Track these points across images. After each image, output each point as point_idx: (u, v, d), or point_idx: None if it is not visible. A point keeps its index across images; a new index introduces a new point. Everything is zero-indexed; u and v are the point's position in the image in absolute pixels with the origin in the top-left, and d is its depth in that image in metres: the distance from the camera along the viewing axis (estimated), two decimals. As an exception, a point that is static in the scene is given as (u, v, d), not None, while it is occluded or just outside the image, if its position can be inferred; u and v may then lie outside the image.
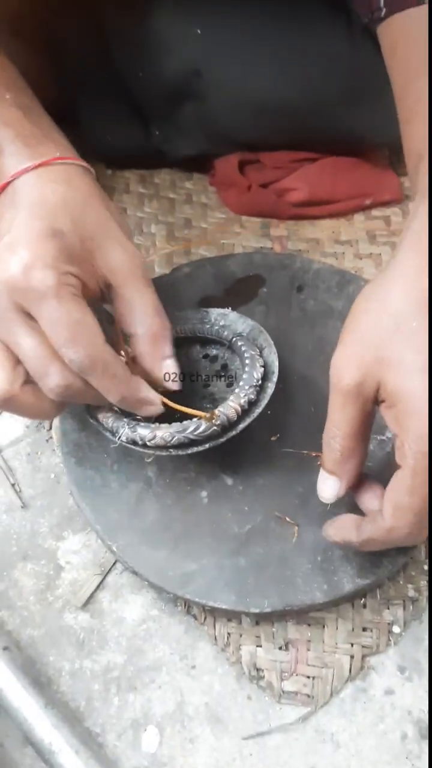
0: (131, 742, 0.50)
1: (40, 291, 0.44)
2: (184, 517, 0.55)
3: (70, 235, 0.46)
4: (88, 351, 0.45)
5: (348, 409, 0.45)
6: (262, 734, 0.50)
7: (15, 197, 0.48)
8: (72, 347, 0.45)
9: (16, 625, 0.55)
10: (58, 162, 0.49)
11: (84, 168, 0.50)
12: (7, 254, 0.45)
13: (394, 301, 0.44)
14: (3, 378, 0.46)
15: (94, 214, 0.48)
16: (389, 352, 0.43)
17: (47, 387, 0.46)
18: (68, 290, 0.45)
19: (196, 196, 0.81)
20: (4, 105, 0.50)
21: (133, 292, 0.49)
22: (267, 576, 0.52)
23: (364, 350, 0.44)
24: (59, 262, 0.45)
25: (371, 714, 0.51)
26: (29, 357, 0.46)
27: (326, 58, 0.70)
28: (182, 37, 0.71)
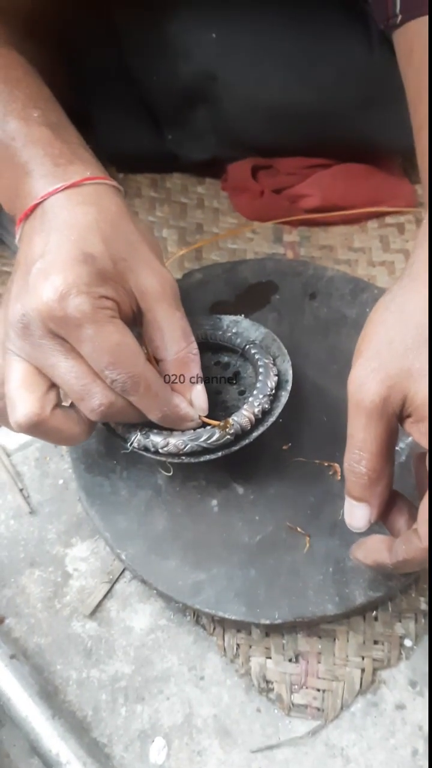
0: (138, 754, 0.49)
1: (77, 318, 0.43)
2: (194, 526, 0.54)
3: (102, 258, 0.45)
4: (130, 371, 0.45)
5: (373, 428, 0.42)
6: (271, 747, 0.49)
7: (45, 219, 0.47)
8: (114, 369, 0.45)
9: (24, 633, 0.54)
10: (87, 182, 0.48)
11: (113, 187, 0.50)
12: (41, 281, 0.44)
13: (416, 311, 0.42)
14: (33, 401, 0.46)
15: (124, 235, 0.48)
16: (417, 363, 0.41)
17: (90, 407, 0.46)
18: (105, 314, 0.44)
19: (208, 200, 0.81)
20: (32, 124, 0.50)
21: (161, 316, 0.49)
22: (278, 587, 0.51)
23: (389, 363, 0.42)
24: (93, 286, 0.44)
25: (382, 729, 0.50)
26: (69, 379, 0.45)
27: (342, 64, 0.70)
28: (197, 41, 0.70)
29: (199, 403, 0.51)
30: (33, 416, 0.46)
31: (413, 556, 0.42)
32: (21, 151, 0.49)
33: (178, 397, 0.50)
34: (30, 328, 0.45)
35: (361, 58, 0.70)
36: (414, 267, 0.44)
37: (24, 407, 0.46)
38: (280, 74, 0.71)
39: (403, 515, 0.46)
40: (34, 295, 0.44)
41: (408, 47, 0.58)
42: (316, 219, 0.77)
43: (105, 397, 0.46)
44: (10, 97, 0.51)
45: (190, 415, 0.50)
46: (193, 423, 0.51)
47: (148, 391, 0.47)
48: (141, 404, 0.47)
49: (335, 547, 0.52)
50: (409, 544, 0.42)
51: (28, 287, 0.45)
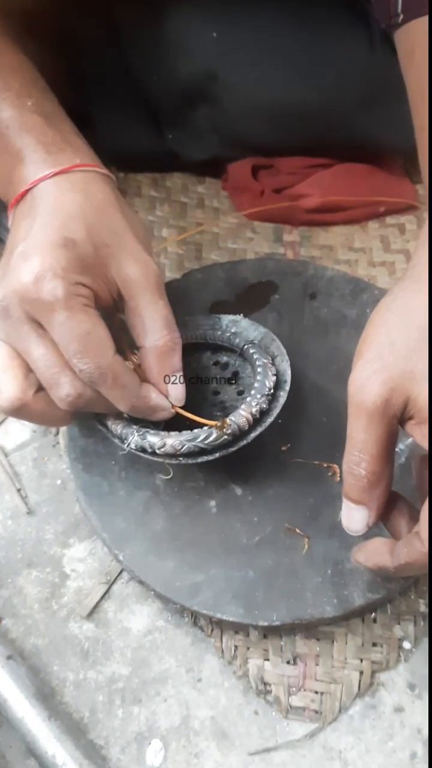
0: (135, 756, 0.49)
1: (49, 302, 0.44)
2: (193, 526, 0.54)
3: (83, 245, 0.46)
4: (97, 362, 0.45)
5: (374, 430, 0.41)
6: (268, 750, 0.49)
7: (33, 205, 0.47)
8: (82, 359, 0.44)
9: (20, 634, 0.54)
10: (77, 169, 0.48)
11: (103, 175, 0.50)
12: (20, 263, 0.44)
13: (418, 312, 0.42)
14: (15, 386, 0.46)
15: (109, 222, 0.48)
16: (420, 365, 0.40)
17: (58, 396, 0.46)
18: (78, 301, 0.44)
19: (209, 200, 0.80)
20: (26, 112, 0.50)
21: (144, 303, 0.48)
22: (276, 588, 0.51)
23: (391, 364, 0.41)
24: (70, 272, 0.44)
25: (380, 732, 0.50)
26: (40, 366, 0.46)
27: (343, 63, 0.70)
28: (198, 40, 0.70)
29: (175, 393, 0.50)
30: (15, 400, 0.46)
31: (415, 559, 0.42)
32: (14, 139, 0.49)
33: (148, 387, 0.49)
34: (9, 310, 0.45)
35: (362, 58, 0.70)
36: (416, 268, 0.44)
37: (6, 391, 0.46)
38: (281, 74, 0.71)
39: (404, 517, 0.45)
40: (13, 277, 0.45)
41: (409, 47, 0.57)
42: (316, 219, 0.76)
43: (73, 387, 0.46)
44: (5, 86, 0.51)
45: (160, 405, 0.50)
46: (166, 413, 0.50)
47: (115, 383, 0.46)
48: (109, 395, 0.47)
49: (334, 548, 0.52)
50: (411, 548, 0.42)
51: (9, 269, 0.45)
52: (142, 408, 0.49)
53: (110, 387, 0.46)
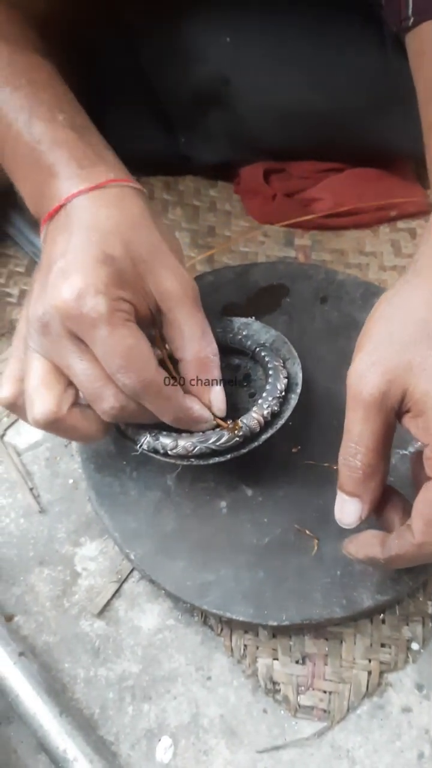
0: (145, 753, 0.50)
1: (92, 318, 0.44)
2: (203, 527, 0.54)
3: (122, 260, 0.46)
4: (140, 377, 0.45)
5: (371, 422, 0.42)
6: (277, 748, 0.50)
7: (68, 221, 0.48)
8: (125, 373, 0.45)
9: (32, 631, 0.54)
10: (111, 184, 0.49)
11: (136, 190, 0.50)
12: (60, 280, 0.45)
13: (419, 306, 0.42)
14: (51, 400, 0.47)
15: (145, 237, 0.48)
16: (418, 357, 0.41)
17: (102, 409, 0.47)
18: (120, 316, 0.45)
19: (220, 203, 0.81)
20: (58, 126, 0.50)
21: (182, 317, 0.49)
22: (285, 589, 0.51)
23: (389, 356, 0.41)
24: (111, 288, 0.45)
25: (388, 731, 0.50)
26: (83, 380, 0.46)
27: (355, 67, 0.70)
28: (211, 44, 0.71)
29: (217, 404, 0.51)
30: (50, 414, 0.46)
31: (406, 551, 0.42)
32: (46, 154, 0.50)
33: (191, 399, 0.50)
34: (49, 326, 0.45)
35: (374, 62, 0.70)
36: (418, 263, 0.44)
37: (42, 405, 0.47)
38: (294, 78, 0.71)
39: (397, 513, 0.46)
40: (53, 293, 0.45)
41: (420, 49, 0.58)
42: (327, 223, 0.77)
43: (116, 400, 0.46)
44: (36, 101, 0.52)
45: (204, 417, 0.50)
46: (207, 425, 0.51)
47: (159, 396, 0.47)
48: (153, 408, 0.48)
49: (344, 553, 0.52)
50: (402, 540, 0.42)
51: (48, 286, 0.46)
52: (185, 419, 0.49)
53: (154, 400, 0.47)
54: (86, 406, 0.49)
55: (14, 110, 0.51)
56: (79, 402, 0.48)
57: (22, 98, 0.52)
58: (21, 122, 0.51)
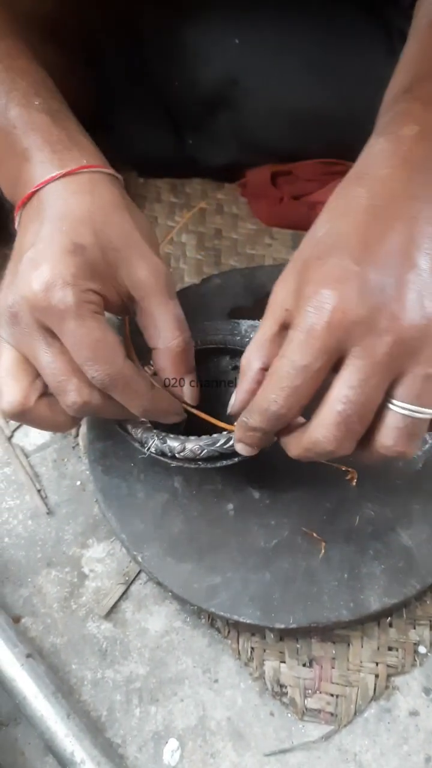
0: (152, 755, 0.50)
1: (60, 310, 0.44)
2: (210, 529, 0.54)
3: (92, 249, 0.46)
4: (108, 369, 0.45)
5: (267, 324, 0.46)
6: (284, 751, 0.50)
7: (40, 208, 0.48)
8: (93, 365, 0.45)
9: (39, 632, 0.55)
10: (84, 171, 0.48)
11: (111, 176, 0.50)
12: (29, 270, 0.45)
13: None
14: (19, 391, 0.47)
15: (118, 225, 0.48)
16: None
17: (65, 403, 0.47)
18: (89, 308, 0.45)
19: (227, 206, 0.81)
20: (33, 111, 0.50)
21: (155, 306, 0.49)
22: (293, 592, 0.51)
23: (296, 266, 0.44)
24: (80, 279, 0.45)
25: (395, 735, 0.50)
26: (48, 373, 0.46)
27: (363, 69, 0.70)
28: (219, 46, 0.71)
29: (189, 392, 0.51)
30: (17, 405, 0.47)
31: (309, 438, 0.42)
32: (21, 138, 0.50)
33: (160, 391, 0.49)
34: (18, 316, 0.45)
35: (382, 64, 0.70)
36: (356, 168, 0.46)
37: (9, 396, 0.47)
38: (301, 79, 0.71)
39: None
40: (23, 283, 0.45)
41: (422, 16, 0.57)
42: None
43: (79, 395, 0.46)
44: (12, 85, 0.51)
45: (173, 407, 0.50)
46: (178, 417, 0.51)
47: (127, 388, 0.46)
48: (121, 399, 0.47)
49: (350, 553, 0.52)
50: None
51: (18, 276, 0.45)
52: (154, 411, 0.49)
53: (122, 392, 0.46)
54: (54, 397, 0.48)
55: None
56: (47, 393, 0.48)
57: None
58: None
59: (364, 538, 0.53)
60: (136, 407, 0.48)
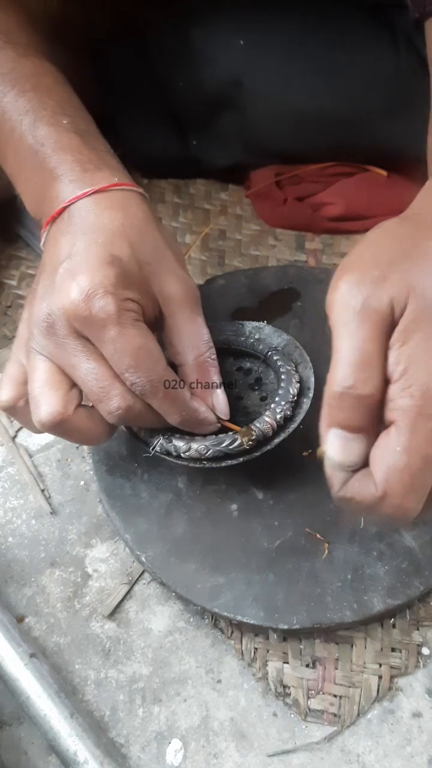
0: (155, 755, 0.50)
1: (101, 318, 0.44)
2: (214, 530, 0.54)
3: (129, 261, 0.46)
4: (150, 376, 0.45)
5: (363, 331, 0.39)
6: (287, 752, 0.50)
7: (72, 222, 0.48)
8: (135, 372, 0.45)
9: (43, 632, 0.55)
10: (115, 188, 0.49)
11: (140, 194, 0.51)
12: (68, 280, 0.45)
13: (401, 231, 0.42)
14: (56, 400, 0.46)
15: (150, 241, 0.48)
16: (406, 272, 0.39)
17: (108, 410, 0.46)
18: (129, 316, 0.45)
19: (231, 207, 0.81)
20: (62, 130, 0.51)
21: (183, 321, 0.49)
22: (296, 592, 0.51)
23: (368, 268, 0.39)
24: (119, 288, 0.45)
25: (398, 736, 0.50)
26: (89, 380, 0.46)
27: (369, 70, 0.70)
28: (224, 47, 0.71)
29: (220, 407, 0.51)
30: (57, 415, 0.46)
31: (364, 499, 0.39)
32: (50, 157, 0.50)
33: (198, 401, 0.50)
34: (55, 326, 0.45)
35: (387, 66, 0.70)
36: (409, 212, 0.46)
37: (48, 406, 0.46)
38: (306, 81, 0.72)
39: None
40: (61, 294, 0.45)
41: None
42: (338, 227, 0.77)
43: (123, 400, 0.46)
44: (40, 104, 0.52)
45: (209, 419, 0.50)
46: (213, 427, 0.51)
47: (168, 395, 0.47)
48: (160, 408, 0.48)
49: (354, 554, 0.53)
50: (363, 486, 0.39)
51: (55, 287, 0.46)
52: (191, 421, 0.49)
53: (162, 399, 0.47)
54: (92, 408, 0.48)
55: (18, 113, 0.52)
56: (83, 404, 0.48)
57: (26, 102, 0.52)
58: (25, 125, 0.51)
59: (367, 539, 0.53)
60: (175, 416, 0.48)
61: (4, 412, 0.62)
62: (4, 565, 0.57)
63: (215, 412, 0.51)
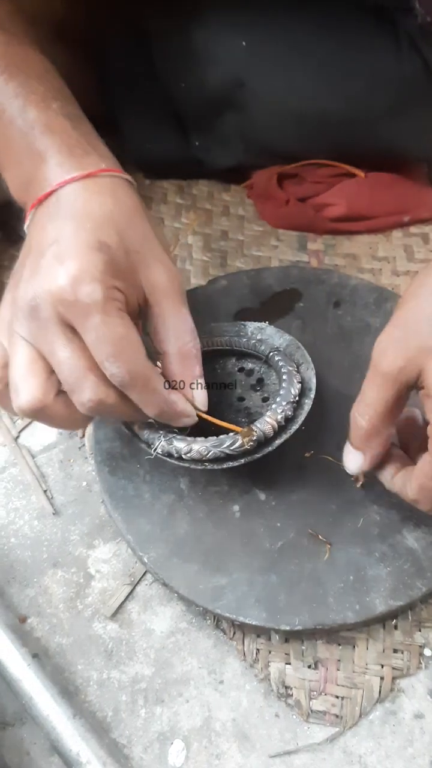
0: (157, 756, 0.50)
1: (86, 305, 0.44)
2: (216, 530, 0.54)
3: (116, 249, 0.46)
4: (130, 366, 0.45)
5: (383, 391, 0.45)
6: (289, 753, 0.50)
7: (59, 207, 0.48)
8: (115, 362, 0.45)
9: (45, 633, 0.55)
10: (103, 174, 0.49)
11: (127, 181, 0.51)
12: (55, 265, 0.45)
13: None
14: (36, 387, 0.46)
15: (138, 228, 0.48)
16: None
17: (79, 401, 0.46)
18: (114, 305, 0.45)
19: (233, 208, 0.81)
20: (51, 114, 0.50)
21: (168, 310, 0.49)
22: (298, 593, 0.51)
23: (410, 336, 0.44)
24: (106, 275, 0.45)
25: (400, 737, 0.50)
26: (64, 369, 0.46)
27: (371, 71, 0.70)
28: (227, 47, 0.71)
29: (200, 398, 0.51)
30: (36, 402, 0.46)
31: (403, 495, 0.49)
32: (38, 139, 0.50)
33: (176, 394, 0.49)
34: (38, 310, 0.45)
35: (390, 66, 0.70)
36: None
37: (27, 393, 0.46)
38: (309, 82, 0.71)
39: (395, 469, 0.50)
40: (47, 278, 0.45)
41: None
42: (340, 228, 0.77)
43: (95, 393, 0.46)
44: (31, 89, 0.51)
45: (187, 411, 0.50)
46: (191, 420, 0.50)
47: (146, 387, 0.47)
48: (138, 399, 0.47)
49: (356, 555, 0.53)
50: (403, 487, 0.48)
51: (41, 270, 0.45)
52: (169, 413, 0.49)
53: (141, 391, 0.46)
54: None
55: (8, 97, 0.51)
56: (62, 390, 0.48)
57: (16, 86, 0.51)
58: (14, 108, 0.51)
59: (369, 540, 0.53)
60: (152, 408, 0.48)
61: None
62: (6, 566, 0.58)
63: (194, 404, 0.50)
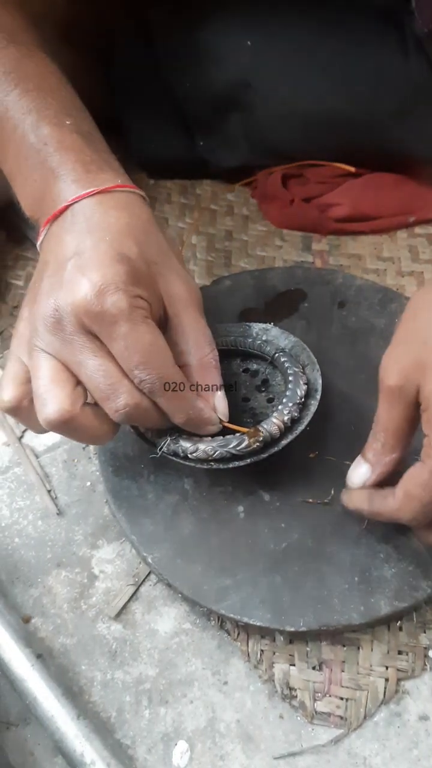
0: (161, 756, 0.50)
1: (113, 314, 0.44)
2: (220, 531, 0.54)
3: (137, 260, 0.46)
4: (160, 373, 0.45)
5: (391, 410, 0.46)
6: (293, 754, 0.50)
7: (75, 221, 0.48)
8: (144, 369, 0.45)
9: (49, 633, 0.55)
10: (118, 189, 0.49)
11: (141, 196, 0.51)
12: (78, 277, 0.45)
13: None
14: (64, 397, 0.46)
15: (155, 241, 0.49)
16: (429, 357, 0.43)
17: (114, 407, 0.46)
18: (139, 313, 0.45)
19: (238, 208, 0.81)
20: (65, 130, 0.51)
21: (188, 321, 0.49)
22: (303, 595, 0.51)
23: (407, 353, 0.45)
24: (129, 285, 0.45)
25: (405, 739, 0.50)
26: (96, 377, 0.46)
27: (377, 72, 0.70)
28: (232, 48, 0.71)
29: (221, 408, 0.51)
30: (64, 413, 0.46)
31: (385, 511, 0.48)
32: (52, 156, 0.50)
33: (202, 401, 0.50)
34: (62, 323, 0.45)
35: (396, 67, 0.70)
36: None
37: (55, 404, 0.46)
38: (314, 82, 0.71)
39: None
40: (70, 290, 0.45)
41: None
42: (345, 228, 0.77)
43: (131, 397, 0.46)
44: (44, 104, 0.52)
45: (213, 419, 0.50)
46: (215, 428, 0.51)
47: (176, 393, 0.47)
48: (167, 406, 0.48)
49: (361, 556, 0.52)
50: (385, 500, 0.47)
51: (63, 283, 0.45)
52: (196, 420, 0.49)
53: (170, 397, 0.47)
54: (97, 406, 0.48)
55: (21, 113, 0.51)
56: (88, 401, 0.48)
57: (29, 101, 0.52)
58: (27, 124, 0.51)
59: (374, 541, 0.53)
60: (181, 415, 0.48)
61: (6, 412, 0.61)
62: (10, 566, 0.57)
63: (216, 413, 0.51)
